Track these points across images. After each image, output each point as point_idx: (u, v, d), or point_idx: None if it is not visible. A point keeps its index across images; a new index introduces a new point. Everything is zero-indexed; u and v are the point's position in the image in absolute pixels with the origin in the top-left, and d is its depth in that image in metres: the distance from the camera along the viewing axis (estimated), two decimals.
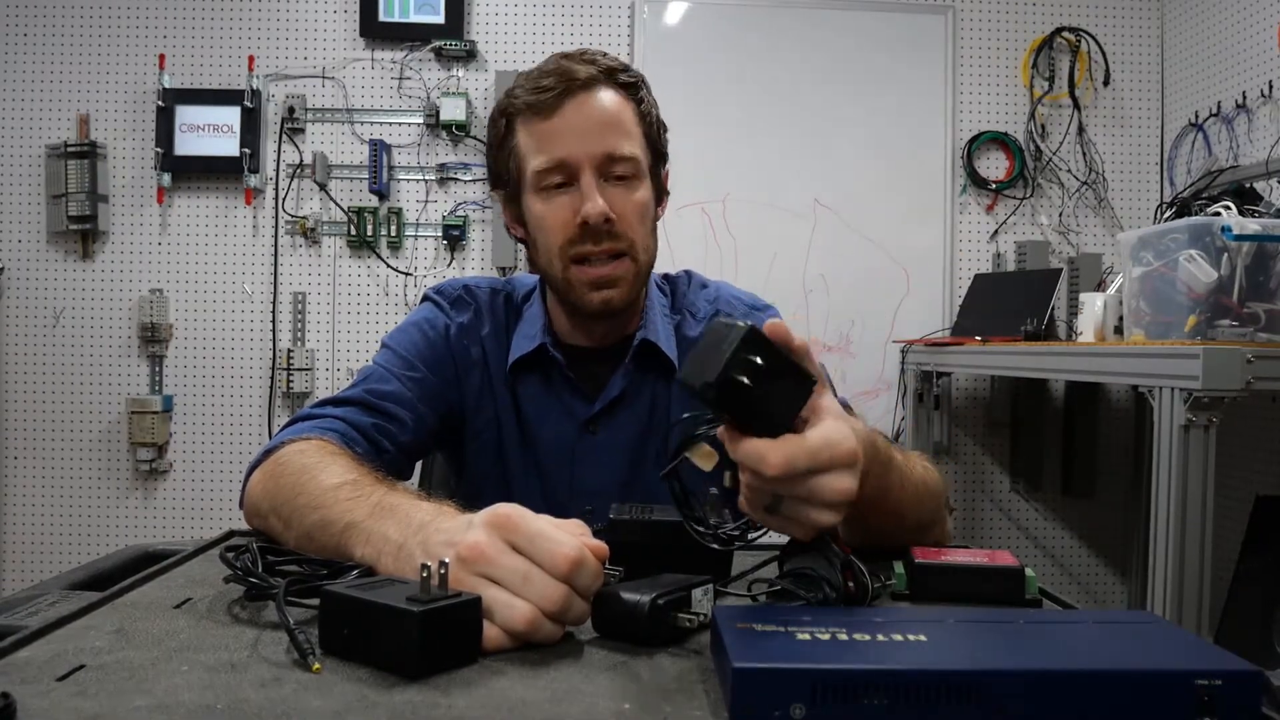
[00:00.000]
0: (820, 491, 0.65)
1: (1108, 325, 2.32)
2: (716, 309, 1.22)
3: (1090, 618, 0.60)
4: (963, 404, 3.15)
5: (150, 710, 0.48)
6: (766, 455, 0.63)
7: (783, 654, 0.50)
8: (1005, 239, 3.11)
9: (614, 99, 1.09)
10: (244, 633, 0.62)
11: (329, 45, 3.03)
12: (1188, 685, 0.48)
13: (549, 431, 1.17)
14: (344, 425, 1.03)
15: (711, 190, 3.01)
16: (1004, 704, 0.48)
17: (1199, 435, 1.69)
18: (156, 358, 3.02)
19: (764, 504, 0.66)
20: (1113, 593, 3.15)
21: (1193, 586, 1.70)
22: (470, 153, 3.04)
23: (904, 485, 0.83)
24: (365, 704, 0.50)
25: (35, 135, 3.00)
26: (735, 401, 0.63)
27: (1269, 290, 1.91)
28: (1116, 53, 3.09)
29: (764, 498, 0.66)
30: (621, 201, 1.07)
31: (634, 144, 1.09)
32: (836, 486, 0.65)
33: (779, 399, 0.65)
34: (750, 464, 0.64)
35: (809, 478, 0.64)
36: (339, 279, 3.04)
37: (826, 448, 0.64)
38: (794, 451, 0.63)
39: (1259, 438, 2.61)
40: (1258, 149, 2.62)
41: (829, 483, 0.65)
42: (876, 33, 3.06)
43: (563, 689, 0.53)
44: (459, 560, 0.61)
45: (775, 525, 0.69)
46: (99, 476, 3.03)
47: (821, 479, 0.65)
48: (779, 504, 0.66)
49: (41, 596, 0.70)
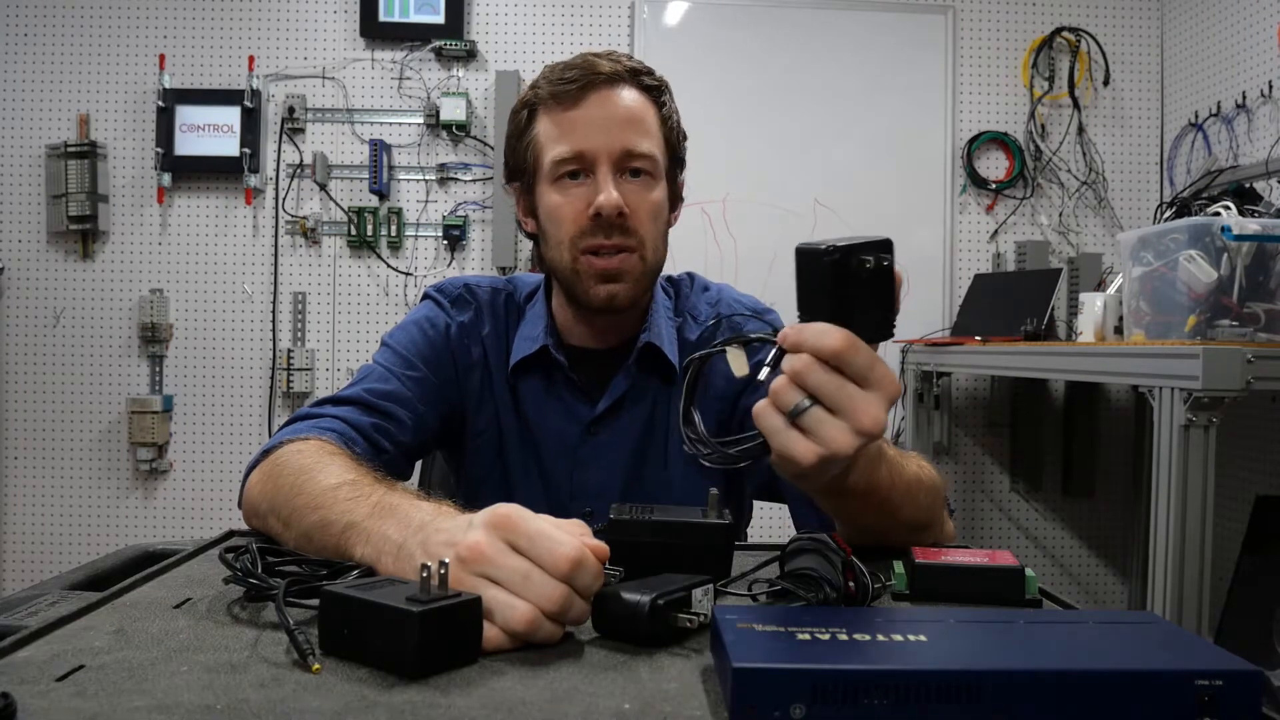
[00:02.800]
0: (854, 404, 0.67)
1: (1108, 325, 2.32)
2: (717, 312, 1.22)
3: (1090, 618, 0.59)
4: (963, 404, 3.15)
5: (150, 710, 0.48)
6: (832, 330, 0.67)
7: (783, 654, 0.50)
8: (1005, 239, 3.11)
9: (636, 98, 1.09)
10: (244, 633, 0.62)
11: (329, 45, 3.03)
12: (1188, 685, 0.48)
13: (550, 432, 1.17)
14: (343, 425, 1.03)
15: (711, 190, 3.01)
16: (1004, 704, 0.48)
17: (1199, 435, 1.69)
18: (156, 358, 3.02)
19: (791, 404, 0.67)
20: (1113, 593, 3.15)
21: (1193, 586, 1.70)
22: (470, 153, 3.04)
23: (894, 481, 0.83)
24: (365, 704, 0.50)
25: (35, 135, 3.00)
26: (839, 279, 0.68)
27: (1269, 290, 1.91)
28: (1116, 53, 3.09)
29: (794, 396, 0.67)
30: (636, 198, 1.07)
31: (653, 143, 1.09)
32: (870, 409, 0.67)
33: (867, 310, 0.69)
34: (811, 336, 0.67)
35: (852, 385, 0.67)
36: (339, 279, 3.05)
37: (880, 364, 0.68)
38: (858, 340, 0.67)
39: (1259, 438, 2.61)
40: (1258, 149, 2.62)
41: (865, 400, 0.67)
42: (876, 33, 3.06)
43: (563, 689, 0.53)
44: (459, 560, 0.61)
45: (784, 441, 0.68)
46: (99, 476, 3.03)
47: (860, 392, 0.67)
48: (803, 410, 0.67)
49: (41, 596, 0.70)
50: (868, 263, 0.68)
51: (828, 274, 0.68)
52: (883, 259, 0.68)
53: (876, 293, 0.69)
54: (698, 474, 1.09)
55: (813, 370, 0.67)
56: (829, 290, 0.68)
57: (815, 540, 0.70)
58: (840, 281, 0.68)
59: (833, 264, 0.67)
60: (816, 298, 0.70)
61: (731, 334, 1.21)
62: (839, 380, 0.66)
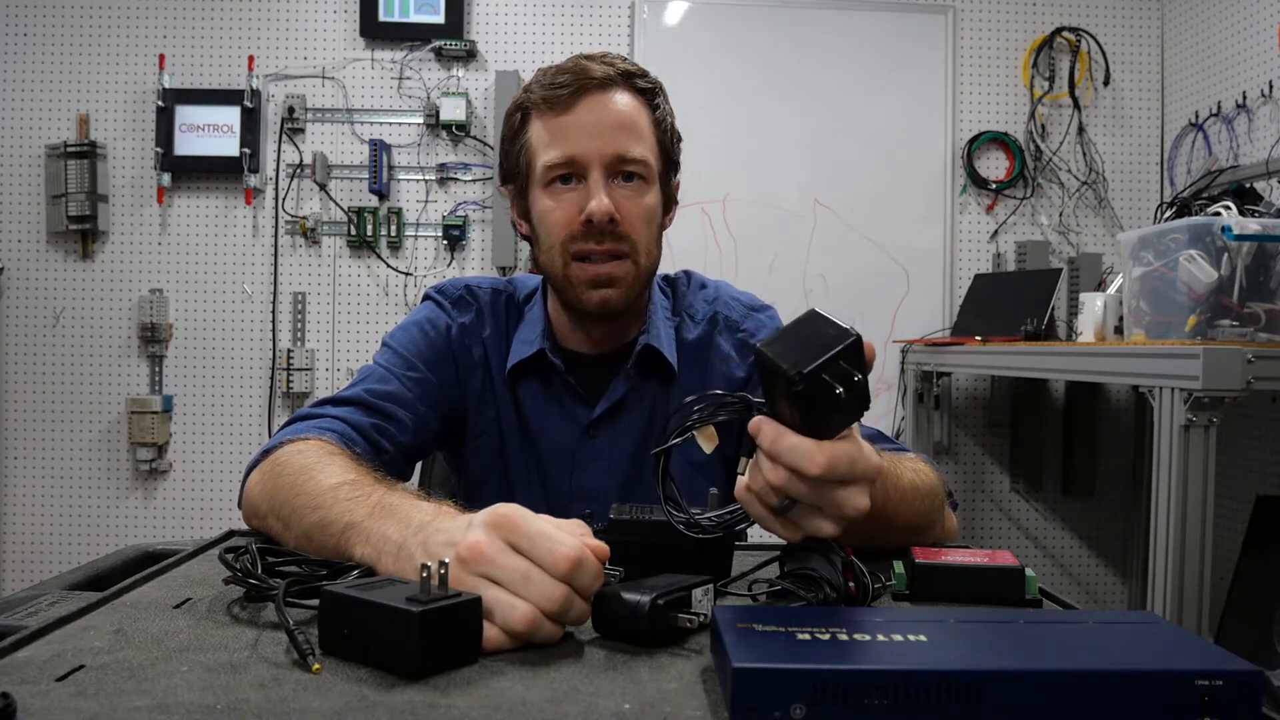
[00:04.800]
0: (839, 503, 0.66)
1: (1108, 325, 2.32)
2: (715, 310, 1.21)
3: (1090, 618, 0.59)
4: (963, 404, 3.15)
5: (150, 710, 0.48)
6: (814, 455, 0.64)
7: (783, 654, 0.50)
8: (1005, 239, 3.11)
9: (629, 101, 1.09)
10: (244, 633, 0.62)
11: (329, 45, 3.03)
12: (1188, 685, 0.48)
13: (550, 435, 1.16)
14: (343, 425, 1.03)
15: (711, 190, 3.01)
16: (1004, 704, 0.48)
17: (1199, 435, 1.69)
18: (156, 358, 3.02)
19: (775, 503, 0.67)
20: (1113, 593, 3.15)
21: (1193, 586, 1.70)
22: (470, 153, 3.04)
23: (889, 493, 0.83)
24: (365, 704, 0.50)
25: (35, 135, 3.00)
26: (809, 398, 0.62)
27: (1269, 290, 1.91)
28: (1116, 53, 3.09)
29: (778, 497, 0.66)
30: (628, 203, 1.07)
31: (645, 148, 1.08)
32: (854, 501, 0.67)
33: (843, 412, 0.65)
34: (792, 459, 0.64)
35: (835, 487, 0.66)
36: (339, 279, 3.04)
37: (860, 460, 0.66)
38: (838, 457, 0.64)
39: (1259, 438, 2.61)
40: (1258, 149, 2.62)
41: (849, 496, 0.66)
42: (876, 33, 3.06)
43: (563, 689, 0.53)
44: (459, 560, 0.61)
45: (772, 526, 0.69)
46: (99, 476, 3.03)
47: (844, 491, 0.66)
48: (790, 507, 0.66)
49: (41, 596, 0.70)
50: (837, 390, 0.61)
51: (794, 398, 0.62)
52: (852, 376, 0.62)
53: (854, 386, 0.63)
54: (698, 475, 1.09)
55: (792, 484, 0.65)
56: (800, 410, 0.63)
57: (815, 540, 0.70)
58: (808, 403, 0.62)
59: (796, 393, 0.61)
60: (784, 411, 0.65)
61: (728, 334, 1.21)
62: (820, 487, 0.66)
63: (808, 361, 0.61)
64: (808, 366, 0.61)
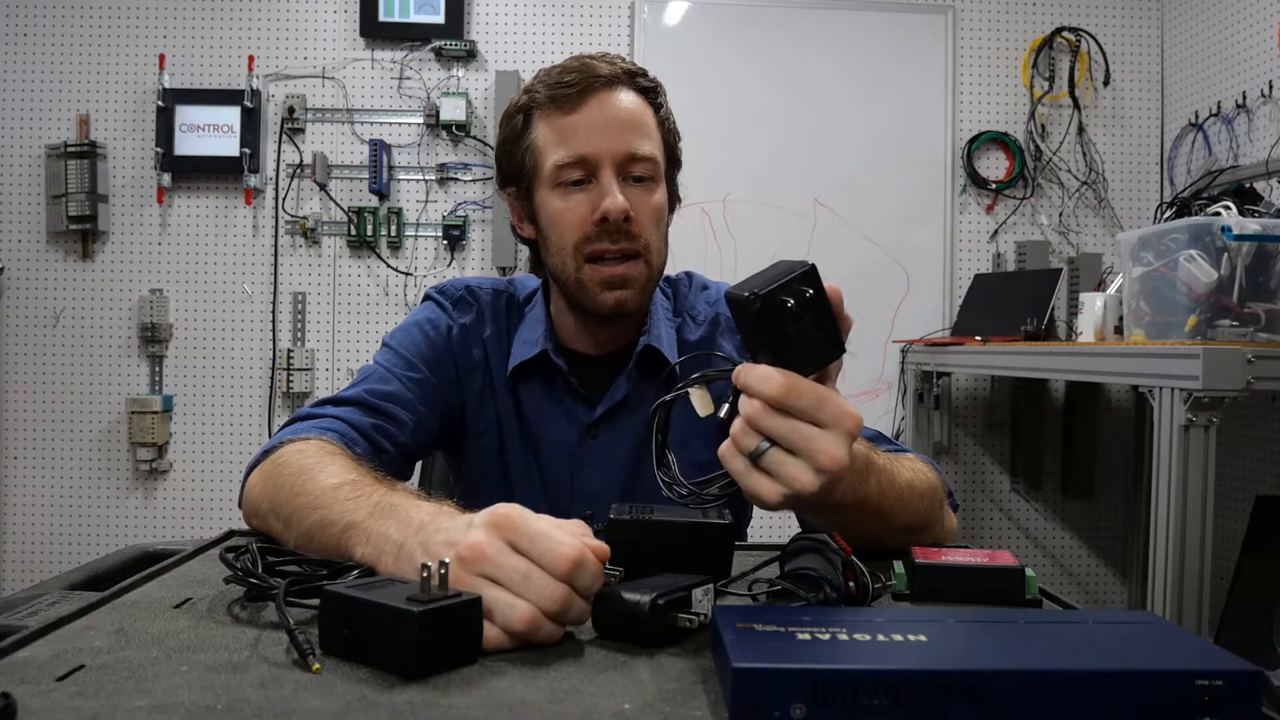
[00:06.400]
0: (810, 444, 0.66)
1: (1108, 325, 2.32)
2: (716, 311, 1.21)
3: (1090, 618, 0.59)
4: (963, 404, 3.15)
5: (150, 710, 0.48)
6: (774, 376, 0.66)
7: (783, 654, 0.50)
8: (1005, 239, 3.11)
9: (635, 100, 1.09)
10: (244, 633, 0.62)
11: (329, 45, 3.03)
12: (1188, 685, 0.48)
13: (551, 435, 1.16)
14: (343, 425, 1.03)
15: (711, 190, 3.01)
16: (1004, 704, 0.48)
17: (1199, 435, 1.69)
18: (156, 358, 3.02)
19: (749, 448, 0.67)
20: (1113, 593, 3.15)
21: (1193, 586, 1.70)
22: (470, 153, 3.04)
23: (885, 491, 0.82)
24: (365, 704, 0.50)
25: (35, 135, 3.00)
26: (770, 322, 0.67)
27: (1269, 290, 1.91)
28: (1116, 53, 3.09)
29: (752, 440, 0.67)
30: (639, 202, 1.07)
31: (653, 146, 1.09)
32: (828, 448, 0.66)
33: (806, 340, 0.69)
34: (754, 382, 0.67)
35: (805, 425, 0.66)
36: (339, 279, 3.04)
37: (832, 401, 0.67)
38: (801, 383, 0.67)
39: (1259, 438, 2.61)
40: (1258, 149, 2.62)
41: (823, 439, 0.66)
42: (876, 33, 3.06)
43: (563, 689, 0.53)
44: (459, 560, 0.61)
45: (750, 483, 0.69)
46: (99, 476, 3.03)
47: (817, 432, 0.66)
48: (762, 453, 0.67)
49: (41, 596, 0.70)
50: (789, 302, 0.67)
51: (756, 321, 0.68)
52: (804, 292, 0.68)
53: (813, 322, 0.69)
54: (698, 475, 1.09)
55: (762, 415, 0.67)
56: (762, 335, 0.68)
57: (815, 540, 0.70)
58: (770, 325, 0.68)
59: (757, 312, 0.67)
60: (754, 343, 0.70)
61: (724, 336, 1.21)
62: (790, 422, 0.66)
63: (765, 286, 0.67)
64: (761, 288, 0.67)
